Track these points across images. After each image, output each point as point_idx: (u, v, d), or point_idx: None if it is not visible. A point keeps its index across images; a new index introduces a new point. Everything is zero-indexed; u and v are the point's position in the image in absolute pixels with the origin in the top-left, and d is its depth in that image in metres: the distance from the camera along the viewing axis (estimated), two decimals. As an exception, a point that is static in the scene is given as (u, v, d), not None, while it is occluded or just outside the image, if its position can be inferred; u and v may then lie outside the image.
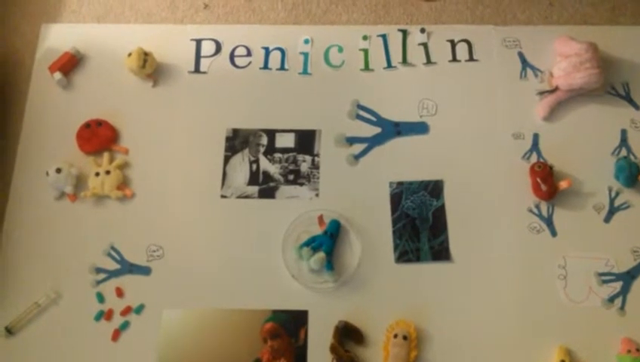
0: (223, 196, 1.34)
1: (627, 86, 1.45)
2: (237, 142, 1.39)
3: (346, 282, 1.26)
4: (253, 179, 1.36)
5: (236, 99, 1.45)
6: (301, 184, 1.35)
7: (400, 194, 1.35)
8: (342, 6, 1.56)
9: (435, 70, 1.48)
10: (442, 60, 1.49)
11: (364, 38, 1.51)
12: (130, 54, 1.41)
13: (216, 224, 1.32)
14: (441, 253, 1.29)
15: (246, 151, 1.38)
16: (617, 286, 1.27)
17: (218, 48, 1.50)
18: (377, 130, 1.42)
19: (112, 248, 1.29)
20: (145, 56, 1.40)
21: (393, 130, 1.41)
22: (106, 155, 1.36)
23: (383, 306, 1.25)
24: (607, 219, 1.32)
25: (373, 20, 1.55)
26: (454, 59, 1.49)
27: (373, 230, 1.32)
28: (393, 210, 1.33)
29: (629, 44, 1.51)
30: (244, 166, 1.37)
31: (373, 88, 1.46)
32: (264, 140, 1.39)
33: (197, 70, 1.47)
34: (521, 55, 1.48)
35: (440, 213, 1.33)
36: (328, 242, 1.27)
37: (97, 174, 1.33)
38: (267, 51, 1.50)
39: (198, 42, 1.50)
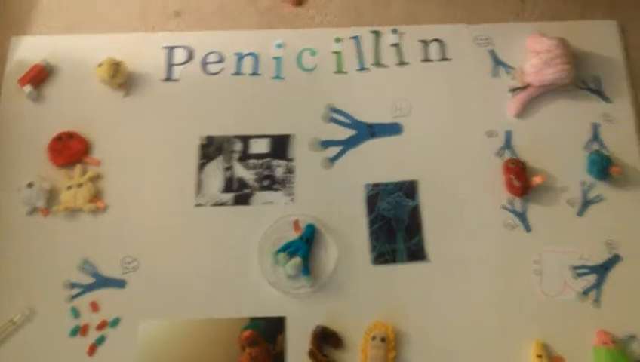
0: (197, 204, 1.34)
1: (598, 80, 1.47)
2: (211, 149, 1.39)
3: (323, 286, 1.27)
4: (228, 186, 1.36)
5: (209, 106, 1.44)
6: (276, 189, 1.35)
7: (376, 195, 1.35)
8: (314, 9, 1.56)
9: (408, 70, 1.48)
10: (415, 60, 1.49)
11: (337, 40, 1.51)
12: (100, 64, 1.40)
13: (191, 233, 1.31)
14: (417, 253, 1.30)
15: (220, 158, 1.38)
16: (592, 278, 1.28)
17: (190, 55, 1.49)
18: (351, 132, 1.42)
19: (86, 262, 1.28)
20: (116, 66, 1.39)
21: (367, 131, 1.42)
22: (78, 168, 1.35)
23: (361, 309, 1.25)
24: (580, 213, 1.33)
25: (345, 23, 1.55)
26: (427, 59, 1.49)
27: (349, 233, 1.32)
28: (369, 212, 1.33)
29: (600, 38, 1.52)
30: (218, 173, 1.37)
31: (347, 90, 1.46)
32: (238, 147, 1.39)
33: (169, 78, 1.46)
34: (493, 53, 1.49)
35: (415, 213, 1.34)
36: (304, 247, 1.27)
37: (69, 187, 1.31)
38: (240, 57, 1.50)
39: (170, 50, 1.50)
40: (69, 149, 1.36)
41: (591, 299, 1.26)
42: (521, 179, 1.33)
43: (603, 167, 1.34)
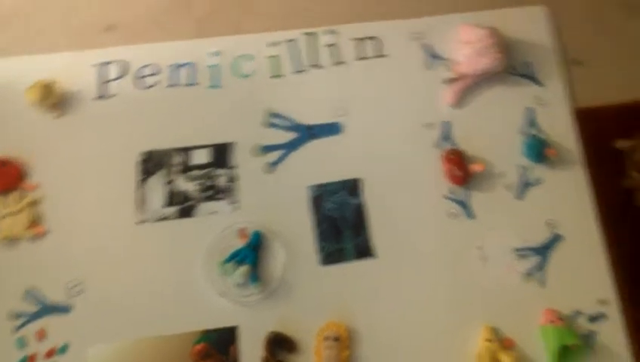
0: (140, 221, 1.33)
1: (530, 65, 1.51)
2: (151, 164, 1.38)
3: (274, 292, 1.27)
4: (171, 200, 1.35)
5: (147, 120, 1.43)
6: (220, 199, 1.35)
7: (320, 196, 1.36)
8: (249, 15, 1.56)
9: (345, 69, 1.50)
10: (351, 59, 1.51)
11: (273, 44, 1.52)
12: (30, 87, 1.37)
13: (136, 250, 1.30)
14: (364, 250, 1.31)
15: (161, 172, 1.37)
16: (535, 259, 1.31)
17: (124, 70, 1.48)
18: (292, 135, 1.43)
19: (30, 290, 1.26)
20: (46, 88, 1.37)
21: (307, 133, 1.42)
22: (13, 195, 1.32)
23: (313, 310, 1.26)
24: (520, 196, 1.36)
25: (280, 26, 1.55)
26: (363, 56, 1.51)
27: (296, 236, 1.33)
28: (315, 214, 1.34)
29: (529, 24, 1.56)
30: (159, 188, 1.36)
31: (285, 94, 1.47)
32: (179, 159, 1.38)
33: (103, 95, 1.45)
34: (427, 46, 1.52)
35: (360, 211, 1.35)
36: (252, 254, 1.28)
37: (6, 216, 1.29)
38: (175, 68, 1.49)
39: (103, 66, 1.48)
40: (4, 177, 1.33)
41: (535, 279, 1.29)
42: (461, 168, 1.35)
43: (539, 150, 1.38)
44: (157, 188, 1.36)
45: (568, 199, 1.38)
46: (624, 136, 1.44)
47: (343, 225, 1.34)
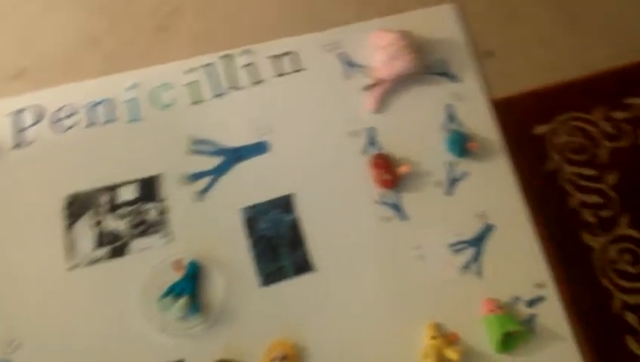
0: (71, 267, 1.30)
1: (444, 63, 1.54)
2: (76, 207, 1.35)
3: (217, 319, 1.26)
4: (101, 241, 1.32)
5: (68, 162, 1.40)
6: (152, 233, 1.33)
7: (254, 217, 1.35)
8: (162, 44, 1.54)
9: (265, 88, 1.50)
10: (270, 77, 1.52)
11: (190, 71, 1.51)
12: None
13: (70, 298, 1.27)
14: (303, 266, 1.31)
15: (88, 214, 1.34)
16: (470, 252, 1.34)
17: (39, 115, 1.45)
18: (219, 160, 1.42)
19: (-40, 355, 1.20)
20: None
21: (234, 156, 1.42)
22: None
23: (258, 333, 1.26)
24: (449, 192, 1.39)
25: (195, 52, 1.55)
26: (281, 73, 1.51)
27: (234, 260, 1.32)
28: (250, 235, 1.34)
29: (439, 22, 1.60)
30: (88, 230, 1.33)
31: (208, 119, 1.46)
32: (105, 198, 1.36)
33: (20, 143, 1.42)
34: (342, 56, 1.54)
35: (295, 226, 1.34)
36: (190, 285, 1.26)
37: None
38: (92, 106, 1.46)
39: (17, 114, 1.44)
40: None
41: (473, 271, 1.31)
42: (389, 172, 1.37)
43: (461, 144, 1.41)
44: (85, 230, 1.34)
45: (495, 189, 1.41)
46: (542, 122, 1.50)
47: (279, 243, 1.34)
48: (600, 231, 1.37)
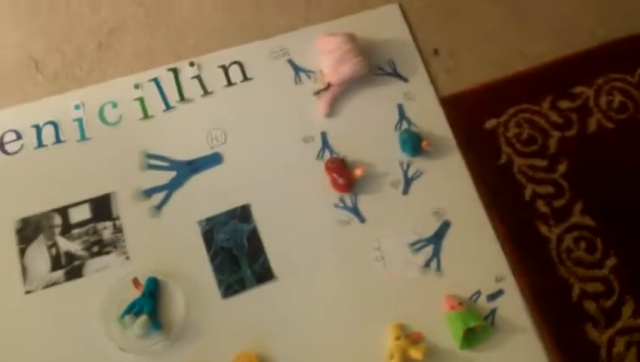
0: (27, 291, 1.27)
1: (392, 63, 1.55)
2: (29, 230, 1.32)
3: (179, 335, 1.25)
4: (56, 263, 1.30)
5: (18, 186, 1.38)
6: (108, 253, 1.31)
7: (211, 230, 1.34)
8: (105, 61, 1.52)
9: (215, 99, 1.49)
10: (218, 88, 1.50)
11: (136, 86, 1.49)
12: None
13: (28, 322, 1.25)
14: (264, 275, 1.31)
15: (41, 237, 1.31)
16: (429, 250, 1.34)
17: (-17, 141, 1.40)
18: (172, 174, 1.40)
19: None
20: None
21: (188, 169, 1.40)
22: None
23: (222, 346, 1.25)
24: (405, 192, 1.40)
25: (140, 67, 1.52)
26: (230, 83, 1.50)
27: (193, 274, 1.30)
28: (208, 248, 1.32)
29: (385, 23, 1.61)
30: (42, 253, 1.30)
31: (158, 134, 1.44)
32: (57, 220, 1.33)
33: (-35, 171, 1.36)
34: (291, 62, 1.53)
35: (254, 236, 1.34)
36: (149, 302, 1.24)
37: None
38: (38, 129, 1.43)
39: (-40, 141, 1.39)
40: None
41: (433, 269, 1.33)
42: (344, 176, 1.37)
43: (414, 143, 1.42)
44: (39, 254, 1.31)
45: (451, 185, 1.43)
46: (492, 116, 1.52)
47: (238, 253, 1.33)
48: (554, 221, 1.39)
